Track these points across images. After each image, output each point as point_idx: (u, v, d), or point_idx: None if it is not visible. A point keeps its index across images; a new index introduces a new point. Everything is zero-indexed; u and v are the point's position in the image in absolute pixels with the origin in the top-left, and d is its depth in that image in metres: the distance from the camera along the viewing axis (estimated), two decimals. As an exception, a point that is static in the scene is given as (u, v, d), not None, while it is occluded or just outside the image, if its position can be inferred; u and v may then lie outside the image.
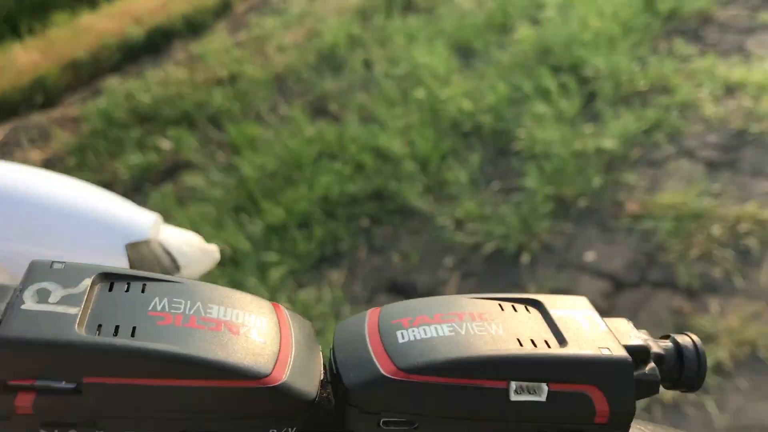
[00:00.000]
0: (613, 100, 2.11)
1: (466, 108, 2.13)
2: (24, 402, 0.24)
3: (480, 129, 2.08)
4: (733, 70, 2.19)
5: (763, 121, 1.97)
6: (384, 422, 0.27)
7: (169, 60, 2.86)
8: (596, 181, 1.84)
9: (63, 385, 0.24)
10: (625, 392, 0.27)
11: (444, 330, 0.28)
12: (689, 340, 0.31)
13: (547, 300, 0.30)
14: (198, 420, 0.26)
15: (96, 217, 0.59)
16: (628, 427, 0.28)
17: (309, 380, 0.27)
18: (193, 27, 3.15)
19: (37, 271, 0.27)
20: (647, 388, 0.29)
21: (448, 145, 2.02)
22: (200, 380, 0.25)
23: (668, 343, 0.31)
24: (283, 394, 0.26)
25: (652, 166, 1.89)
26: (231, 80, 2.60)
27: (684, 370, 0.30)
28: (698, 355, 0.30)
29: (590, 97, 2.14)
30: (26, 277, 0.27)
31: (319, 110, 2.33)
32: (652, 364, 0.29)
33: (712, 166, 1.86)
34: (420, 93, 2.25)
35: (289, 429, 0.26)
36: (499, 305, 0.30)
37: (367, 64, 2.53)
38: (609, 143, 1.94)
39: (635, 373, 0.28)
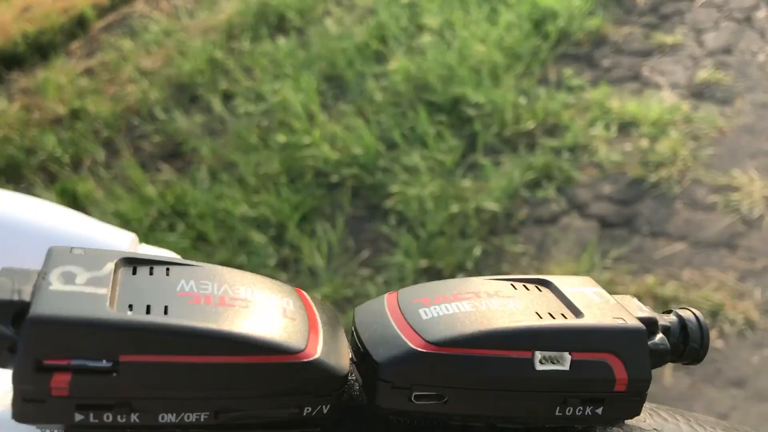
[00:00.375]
0: (496, 145, 1.82)
1: (332, 157, 1.80)
2: (60, 383, 0.23)
3: (347, 184, 1.75)
4: (628, 104, 1.93)
5: (661, 168, 1.71)
6: (415, 396, 0.26)
7: (3, 93, 2.43)
8: (477, 249, 1.54)
9: (100, 363, 0.23)
10: (641, 360, 0.27)
11: (465, 306, 0.27)
12: (691, 313, 0.30)
13: (555, 279, 0.30)
14: (233, 399, 0.24)
15: (75, 238, 0.56)
16: (645, 396, 0.27)
17: (340, 357, 0.26)
18: (41, 50, 2.71)
19: (58, 256, 0.25)
20: (659, 357, 0.28)
21: (309, 205, 1.69)
22: (236, 356, 0.24)
23: (672, 317, 0.31)
24: (317, 369, 0.25)
25: (539, 226, 1.61)
26: (71, 118, 2.20)
27: (689, 342, 0.30)
28: (701, 327, 0.30)
29: (471, 141, 1.84)
30: (47, 262, 0.25)
31: (164, 159, 1.97)
32: (660, 335, 0.29)
33: (607, 225, 1.60)
34: (281, 137, 1.91)
35: (323, 407, 0.25)
36: (511, 285, 0.29)
37: (227, 97, 2.18)
38: (491, 202, 1.64)
39: (652, 344, 0.28)
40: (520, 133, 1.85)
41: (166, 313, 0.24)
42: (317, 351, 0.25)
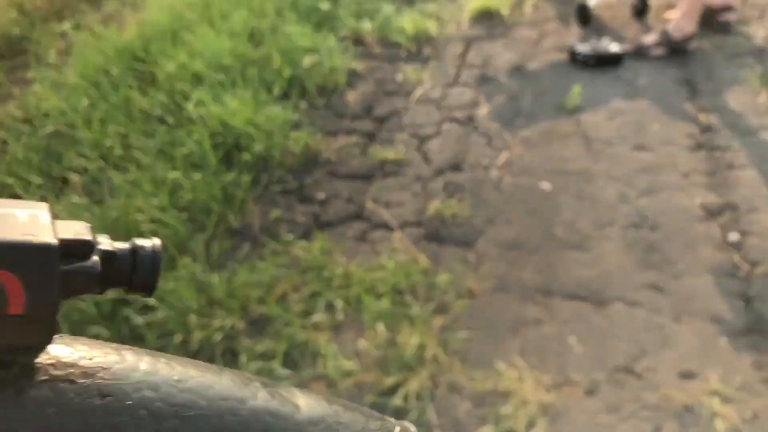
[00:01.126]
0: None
1: None
2: None
3: None
4: (353, 266, 1.42)
5: (407, 375, 1.21)
6: None
7: None
8: None
9: None
10: (46, 281, 0.23)
11: None
12: (148, 243, 0.27)
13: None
14: None
15: None
16: (53, 323, 0.23)
17: None
18: None
19: None
20: (84, 281, 0.24)
21: None
22: None
23: (126, 245, 0.27)
24: None
25: None
26: None
27: (137, 270, 0.26)
28: (154, 255, 0.26)
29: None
30: None
31: None
32: (95, 259, 0.25)
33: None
34: None
35: None
36: None
37: None
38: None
39: (70, 266, 0.24)
40: (212, 343, 1.25)
41: None
42: None
